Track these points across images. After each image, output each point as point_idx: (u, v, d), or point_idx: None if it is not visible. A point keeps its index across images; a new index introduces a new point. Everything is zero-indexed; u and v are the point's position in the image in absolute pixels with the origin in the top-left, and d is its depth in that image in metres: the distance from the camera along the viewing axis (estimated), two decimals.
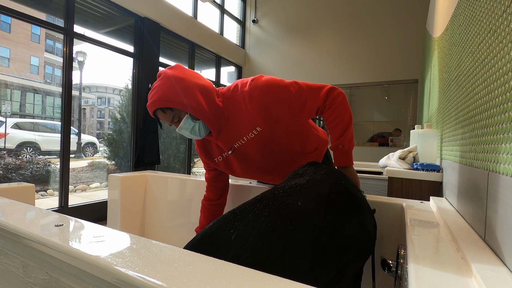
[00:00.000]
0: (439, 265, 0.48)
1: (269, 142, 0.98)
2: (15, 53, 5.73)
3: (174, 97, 0.89)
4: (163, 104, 0.89)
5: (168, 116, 0.93)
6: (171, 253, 0.48)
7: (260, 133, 0.96)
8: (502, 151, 0.53)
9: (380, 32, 4.33)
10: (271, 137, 0.97)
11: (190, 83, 0.91)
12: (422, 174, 1.50)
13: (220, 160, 1.09)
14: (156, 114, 0.95)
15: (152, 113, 0.94)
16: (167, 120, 0.95)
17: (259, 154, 1.00)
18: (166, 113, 0.93)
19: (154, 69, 3.57)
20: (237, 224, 0.60)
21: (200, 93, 0.92)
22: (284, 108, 0.92)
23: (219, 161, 1.09)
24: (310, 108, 0.94)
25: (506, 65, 0.54)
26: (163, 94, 0.89)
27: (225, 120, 0.97)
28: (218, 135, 0.99)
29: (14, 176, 3.48)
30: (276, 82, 0.93)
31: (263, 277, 0.41)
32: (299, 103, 0.93)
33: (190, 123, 0.94)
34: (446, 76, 1.42)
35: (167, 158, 4.42)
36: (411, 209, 0.90)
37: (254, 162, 1.04)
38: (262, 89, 0.91)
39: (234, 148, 1.01)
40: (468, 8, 0.94)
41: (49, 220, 0.67)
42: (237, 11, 5.57)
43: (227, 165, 1.09)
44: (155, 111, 0.94)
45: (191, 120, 0.94)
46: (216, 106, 0.95)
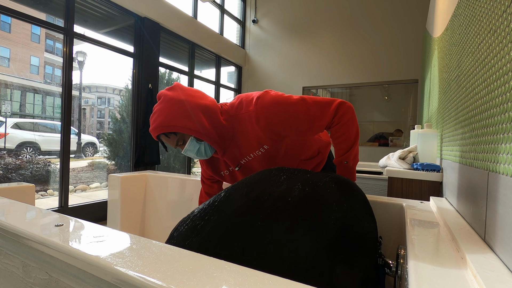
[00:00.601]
0: (439, 265, 0.48)
1: (275, 157, 0.97)
2: (15, 53, 5.73)
3: (176, 122, 0.86)
4: (165, 129, 0.88)
5: (172, 140, 0.92)
6: (171, 253, 0.48)
7: (267, 151, 0.95)
8: (502, 151, 0.53)
9: (380, 32, 4.33)
10: (277, 152, 0.96)
11: (192, 104, 0.89)
12: (422, 174, 1.50)
13: (226, 174, 1.08)
14: (160, 138, 0.94)
15: (155, 138, 0.93)
16: (171, 144, 0.94)
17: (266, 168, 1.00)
18: (170, 138, 0.92)
19: (154, 69, 3.57)
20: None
21: (202, 114, 0.89)
22: (292, 128, 0.91)
23: (225, 175, 1.09)
24: (318, 125, 0.91)
25: (506, 65, 0.54)
26: (165, 119, 0.87)
27: (230, 139, 0.95)
28: (224, 153, 0.98)
29: (14, 176, 3.48)
30: (282, 102, 0.89)
31: (263, 277, 0.41)
32: (307, 122, 0.90)
33: (195, 145, 0.92)
34: (446, 76, 1.42)
35: (167, 158, 4.42)
36: (411, 209, 0.90)
37: None
38: (268, 110, 0.88)
39: (241, 165, 1.01)
40: (468, 8, 0.94)
41: (49, 220, 0.67)
42: (237, 11, 5.57)
43: (233, 177, 1.08)
44: (158, 136, 0.93)
45: (196, 142, 0.92)
46: (221, 125, 0.92)
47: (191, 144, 0.92)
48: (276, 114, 0.88)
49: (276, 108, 0.88)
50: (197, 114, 0.88)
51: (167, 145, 0.98)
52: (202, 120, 0.88)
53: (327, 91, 6.79)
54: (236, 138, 0.95)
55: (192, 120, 0.87)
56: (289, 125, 0.90)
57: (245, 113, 0.92)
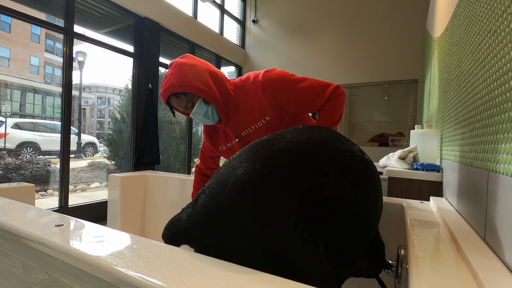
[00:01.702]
0: (439, 265, 0.48)
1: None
2: (15, 53, 5.73)
3: (187, 82, 0.92)
4: (176, 89, 0.93)
5: (182, 101, 0.96)
6: (171, 253, 0.48)
7: (268, 123, 0.99)
8: (502, 151, 0.53)
9: (380, 32, 4.33)
10: (278, 127, 1.00)
11: (202, 69, 0.96)
12: (422, 174, 1.50)
13: (224, 149, 1.12)
14: (169, 101, 0.98)
15: (165, 101, 0.98)
16: (181, 106, 0.98)
17: None
18: (179, 99, 0.96)
19: (154, 69, 3.57)
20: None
21: (211, 78, 0.96)
22: (296, 101, 0.96)
23: (223, 150, 1.13)
24: (318, 102, 0.98)
25: (506, 65, 0.54)
26: (176, 80, 0.93)
27: (235, 108, 1.00)
28: (227, 122, 1.02)
29: (14, 176, 3.48)
30: (289, 77, 0.97)
31: (263, 277, 0.41)
32: (309, 99, 0.97)
33: (203, 107, 0.97)
34: (446, 76, 1.42)
35: (167, 158, 4.42)
36: (411, 209, 0.90)
37: None
38: (275, 81, 0.95)
39: (241, 137, 1.04)
40: (468, 8, 0.94)
41: (49, 220, 0.67)
42: (237, 11, 5.57)
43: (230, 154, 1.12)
44: (168, 98, 0.96)
45: (204, 105, 0.97)
46: (227, 92, 0.98)
47: (199, 106, 0.96)
48: (282, 86, 0.95)
49: (283, 81, 0.95)
50: (206, 77, 0.94)
51: (175, 111, 1.03)
52: (210, 84, 0.94)
53: None
54: (240, 108, 1.00)
55: (201, 82, 0.93)
56: (293, 98, 0.96)
57: (252, 83, 0.98)
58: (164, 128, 4.30)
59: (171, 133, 4.48)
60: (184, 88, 0.92)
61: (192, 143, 4.49)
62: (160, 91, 0.97)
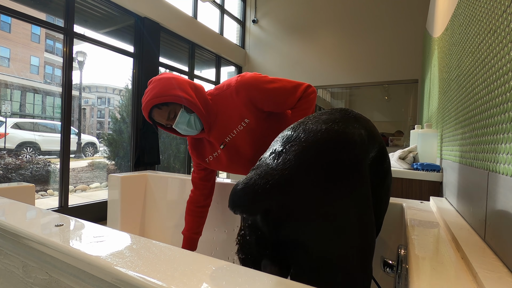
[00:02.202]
0: (439, 265, 0.48)
1: (256, 132, 1.04)
2: (15, 53, 5.73)
3: (168, 92, 0.94)
4: (158, 100, 0.93)
5: (164, 112, 0.97)
6: (171, 253, 0.48)
7: (248, 125, 1.02)
8: (502, 151, 0.53)
9: (380, 32, 4.33)
10: (258, 128, 1.03)
11: (181, 80, 0.99)
12: (422, 174, 1.50)
13: (211, 160, 1.13)
14: (151, 115, 0.98)
15: (147, 115, 0.98)
16: (163, 117, 0.98)
17: (248, 145, 1.05)
18: (161, 110, 0.96)
19: (154, 69, 3.57)
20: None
21: (190, 88, 0.99)
22: (270, 101, 1.00)
23: (210, 161, 1.14)
24: (291, 101, 1.02)
25: (506, 65, 0.54)
26: (157, 92, 0.94)
27: (215, 115, 1.03)
28: (210, 130, 1.05)
29: (14, 176, 3.48)
30: (261, 78, 1.00)
31: (263, 277, 0.41)
32: (282, 98, 1.01)
33: (185, 116, 0.98)
34: (446, 76, 1.42)
35: (167, 158, 4.42)
36: (411, 209, 0.90)
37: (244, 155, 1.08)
38: (248, 84, 0.98)
39: (226, 143, 1.06)
40: (468, 8, 0.94)
41: (49, 220, 0.67)
42: (237, 11, 5.56)
43: (218, 163, 1.13)
44: (150, 112, 0.97)
45: (186, 114, 0.98)
46: (206, 101, 1.02)
47: (182, 115, 0.98)
48: (255, 86, 0.98)
49: (255, 82, 0.99)
50: (186, 87, 0.98)
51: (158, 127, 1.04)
52: (191, 93, 0.98)
53: (327, 91, 6.78)
54: (220, 115, 1.03)
55: (182, 90, 0.95)
56: (267, 97, 0.99)
57: (226, 89, 1.02)
58: (161, 130, 4.29)
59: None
60: (165, 98, 0.93)
61: None
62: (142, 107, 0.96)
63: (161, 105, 0.95)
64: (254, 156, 1.07)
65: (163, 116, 0.97)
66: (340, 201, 0.52)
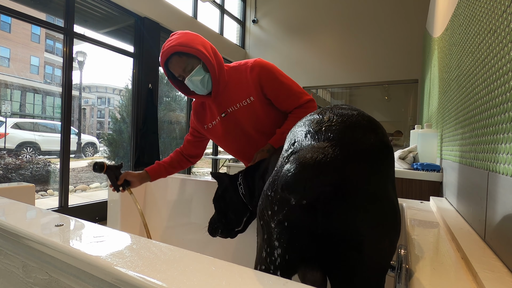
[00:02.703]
0: (439, 265, 0.48)
1: (257, 114, 1.07)
2: (15, 53, 5.73)
3: (193, 44, 0.97)
4: (182, 48, 0.96)
5: (183, 62, 1.00)
6: (171, 253, 0.48)
7: (252, 103, 1.05)
8: (502, 151, 0.53)
9: (380, 32, 4.33)
10: (260, 110, 1.07)
11: (206, 41, 1.04)
12: (422, 174, 1.50)
13: (209, 127, 1.17)
14: (168, 62, 1.00)
15: (164, 61, 1.00)
16: (180, 67, 1.00)
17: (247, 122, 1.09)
18: (181, 59, 0.99)
19: (154, 69, 3.57)
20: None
21: (212, 51, 1.04)
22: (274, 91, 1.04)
23: (208, 128, 1.18)
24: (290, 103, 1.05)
25: (506, 65, 0.54)
26: (183, 41, 0.97)
27: (225, 83, 1.07)
28: (216, 96, 1.08)
29: (14, 176, 3.48)
30: (276, 68, 1.07)
31: (263, 277, 0.41)
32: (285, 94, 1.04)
33: (201, 73, 1.02)
34: (446, 76, 1.42)
35: None
36: (411, 209, 0.90)
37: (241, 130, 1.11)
38: (263, 65, 1.03)
39: (227, 113, 1.10)
40: (468, 8, 0.94)
41: (49, 220, 0.67)
42: (237, 11, 5.56)
43: (214, 131, 1.16)
44: (168, 59, 0.99)
45: (203, 71, 1.02)
46: (222, 68, 1.06)
47: (198, 71, 1.01)
48: (268, 71, 1.03)
49: (271, 68, 1.04)
50: (209, 48, 1.03)
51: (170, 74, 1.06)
52: (212, 54, 1.02)
53: (327, 91, 6.78)
54: (229, 86, 1.07)
55: (205, 49, 1.00)
56: (273, 86, 1.04)
57: (243, 65, 1.07)
58: (164, 128, 4.30)
59: (171, 133, 4.48)
60: (189, 49, 0.96)
61: None
62: (162, 51, 0.99)
63: (183, 54, 0.98)
64: (250, 134, 1.11)
65: (180, 66, 1.00)
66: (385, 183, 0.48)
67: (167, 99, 4.64)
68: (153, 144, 3.43)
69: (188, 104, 4.43)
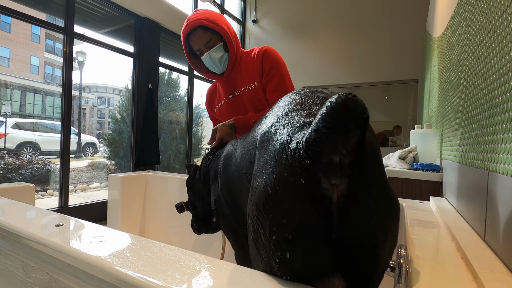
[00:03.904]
0: (439, 265, 0.48)
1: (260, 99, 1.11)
2: (15, 53, 5.72)
3: (220, 23, 1.01)
4: (209, 23, 0.99)
5: (207, 37, 1.02)
6: (171, 253, 0.48)
7: (255, 88, 1.09)
8: (502, 151, 0.53)
9: (380, 32, 4.33)
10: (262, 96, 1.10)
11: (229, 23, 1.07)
12: (422, 174, 1.50)
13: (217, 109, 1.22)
14: (191, 34, 1.02)
15: (187, 33, 1.02)
16: (203, 40, 1.03)
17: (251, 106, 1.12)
18: (206, 34, 1.01)
19: (154, 69, 3.57)
20: None
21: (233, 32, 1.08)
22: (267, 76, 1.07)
23: (216, 110, 1.23)
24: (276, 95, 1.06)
25: (506, 65, 0.54)
26: (210, 17, 1.00)
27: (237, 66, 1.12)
28: (227, 76, 1.13)
29: (14, 176, 3.48)
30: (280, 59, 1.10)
31: (263, 277, 0.41)
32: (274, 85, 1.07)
33: (221, 51, 1.05)
34: (446, 76, 1.42)
35: (167, 158, 4.41)
36: (411, 209, 0.90)
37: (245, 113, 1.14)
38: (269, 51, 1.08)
39: (234, 95, 1.15)
40: (468, 8, 0.94)
41: (49, 220, 0.67)
42: (237, 11, 5.56)
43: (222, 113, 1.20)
44: (194, 30, 1.01)
45: (223, 49, 1.05)
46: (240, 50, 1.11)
47: (219, 48, 1.04)
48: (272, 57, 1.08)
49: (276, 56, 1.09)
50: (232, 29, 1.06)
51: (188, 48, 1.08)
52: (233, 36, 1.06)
53: (327, 91, 6.78)
54: (239, 70, 1.11)
55: (229, 30, 1.04)
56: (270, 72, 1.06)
57: (252, 51, 1.12)
58: (164, 128, 4.29)
59: (171, 133, 4.47)
60: (216, 26, 0.99)
61: (192, 143, 4.48)
62: (186, 23, 1.00)
63: (208, 29, 1.00)
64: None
65: (203, 40, 1.02)
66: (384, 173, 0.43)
67: (167, 99, 4.64)
68: (153, 144, 3.43)
69: (188, 104, 4.43)
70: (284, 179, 0.39)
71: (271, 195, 0.40)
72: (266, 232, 0.39)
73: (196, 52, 1.07)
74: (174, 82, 4.73)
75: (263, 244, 0.40)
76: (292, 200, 0.38)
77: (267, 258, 0.40)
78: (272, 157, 0.42)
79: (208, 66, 1.09)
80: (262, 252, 0.41)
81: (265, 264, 0.41)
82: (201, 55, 1.07)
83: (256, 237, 0.42)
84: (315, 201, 0.37)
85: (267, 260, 0.40)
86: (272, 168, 0.41)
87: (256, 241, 0.42)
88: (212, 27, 0.99)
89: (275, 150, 0.42)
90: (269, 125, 0.49)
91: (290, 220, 0.38)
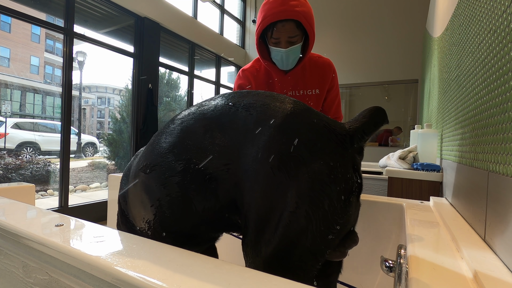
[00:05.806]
0: (439, 265, 0.48)
1: (318, 107, 1.17)
2: (15, 53, 5.72)
3: (312, 25, 0.96)
4: (305, 22, 0.92)
5: (295, 31, 0.95)
6: (171, 253, 0.48)
7: (315, 95, 1.13)
8: (502, 151, 0.53)
9: (380, 32, 4.33)
10: (316, 103, 1.14)
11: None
12: (422, 174, 1.50)
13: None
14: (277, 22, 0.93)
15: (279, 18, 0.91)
16: (290, 33, 0.94)
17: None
18: (297, 29, 0.95)
19: (154, 69, 3.57)
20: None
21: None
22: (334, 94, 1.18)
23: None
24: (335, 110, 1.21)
25: (506, 65, 0.54)
26: (308, 15, 0.94)
27: (304, 67, 1.12)
28: (290, 74, 1.10)
29: (14, 176, 3.48)
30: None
31: (263, 277, 0.41)
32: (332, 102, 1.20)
33: (299, 51, 1.02)
34: (446, 76, 1.42)
35: None
36: (411, 209, 0.90)
37: None
38: (335, 71, 1.16)
39: (296, 93, 1.15)
40: (468, 8, 0.94)
41: (49, 220, 0.67)
42: (237, 11, 5.57)
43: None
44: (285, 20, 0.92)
45: (300, 49, 1.02)
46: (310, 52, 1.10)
47: (298, 48, 1.00)
48: (336, 78, 1.17)
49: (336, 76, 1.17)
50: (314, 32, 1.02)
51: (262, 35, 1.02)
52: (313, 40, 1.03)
53: None
54: (303, 72, 1.11)
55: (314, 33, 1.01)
56: (337, 90, 1.17)
57: (320, 58, 1.14)
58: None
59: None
60: (308, 27, 0.94)
61: None
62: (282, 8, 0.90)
63: (300, 25, 0.94)
64: None
65: (291, 33, 0.94)
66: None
67: (167, 99, 4.64)
68: None
69: (188, 104, 4.43)
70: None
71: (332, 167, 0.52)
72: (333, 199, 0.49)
73: (273, 38, 0.97)
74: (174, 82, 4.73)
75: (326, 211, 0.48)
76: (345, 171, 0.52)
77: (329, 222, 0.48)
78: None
79: (277, 59, 1.02)
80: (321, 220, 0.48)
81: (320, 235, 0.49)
82: (276, 45, 0.98)
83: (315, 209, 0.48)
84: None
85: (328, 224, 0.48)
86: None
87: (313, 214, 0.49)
88: (306, 28, 0.94)
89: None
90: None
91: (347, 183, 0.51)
